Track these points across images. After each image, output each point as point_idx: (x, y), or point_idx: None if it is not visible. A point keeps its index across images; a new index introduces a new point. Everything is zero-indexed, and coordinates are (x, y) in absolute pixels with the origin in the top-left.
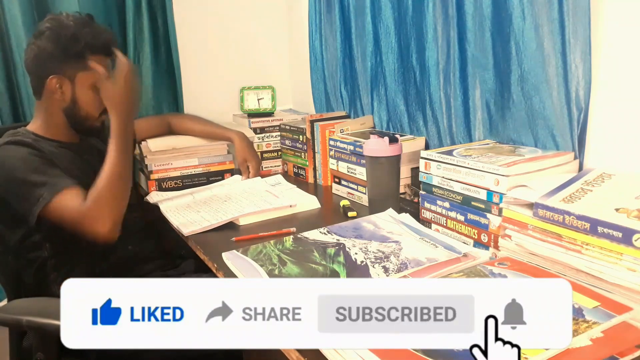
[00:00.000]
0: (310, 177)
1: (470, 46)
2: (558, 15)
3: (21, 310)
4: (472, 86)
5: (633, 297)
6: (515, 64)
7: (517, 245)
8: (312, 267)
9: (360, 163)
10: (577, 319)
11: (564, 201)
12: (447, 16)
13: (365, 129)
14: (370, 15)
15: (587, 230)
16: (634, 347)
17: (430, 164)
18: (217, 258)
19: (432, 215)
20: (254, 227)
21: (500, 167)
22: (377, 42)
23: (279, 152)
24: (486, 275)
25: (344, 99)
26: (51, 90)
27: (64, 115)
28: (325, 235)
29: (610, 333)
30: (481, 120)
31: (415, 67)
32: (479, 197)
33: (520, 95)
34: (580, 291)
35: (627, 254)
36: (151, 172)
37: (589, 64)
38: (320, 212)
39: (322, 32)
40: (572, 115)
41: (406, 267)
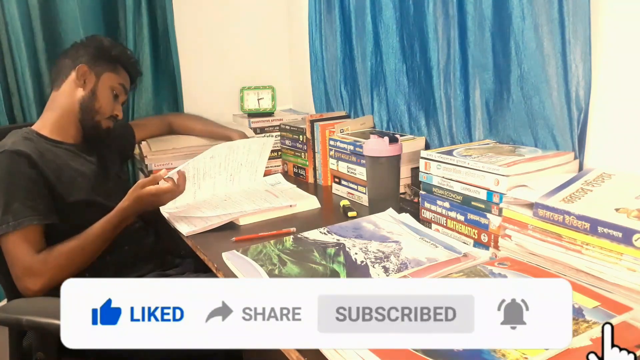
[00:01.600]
0: (310, 177)
1: (470, 46)
2: (558, 15)
3: (21, 309)
4: (472, 86)
5: (633, 297)
6: (515, 64)
7: (517, 245)
8: (312, 267)
9: (360, 163)
10: (577, 319)
11: (564, 201)
12: (447, 16)
13: (365, 129)
14: (370, 15)
15: (587, 230)
16: (634, 347)
17: (430, 164)
18: (217, 258)
19: (432, 215)
20: (254, 227)
21: (500, 167)
22: (378, 42)
23: (279, 152)
24: (486, 275)
25: (344, 99)
26: (77, 77)
27: (78, 106)
28: (325, 235)
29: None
30: (481, 120)
31: (415, 67)
32: (479, 197)
33: (520, 95)
34: (580, 291)
35: (627, 254)
36: (151, 172)
37: (589, 64)
38: (320, 212)
39: (322, 32)
40: (572, 115)
41: (406, 267)
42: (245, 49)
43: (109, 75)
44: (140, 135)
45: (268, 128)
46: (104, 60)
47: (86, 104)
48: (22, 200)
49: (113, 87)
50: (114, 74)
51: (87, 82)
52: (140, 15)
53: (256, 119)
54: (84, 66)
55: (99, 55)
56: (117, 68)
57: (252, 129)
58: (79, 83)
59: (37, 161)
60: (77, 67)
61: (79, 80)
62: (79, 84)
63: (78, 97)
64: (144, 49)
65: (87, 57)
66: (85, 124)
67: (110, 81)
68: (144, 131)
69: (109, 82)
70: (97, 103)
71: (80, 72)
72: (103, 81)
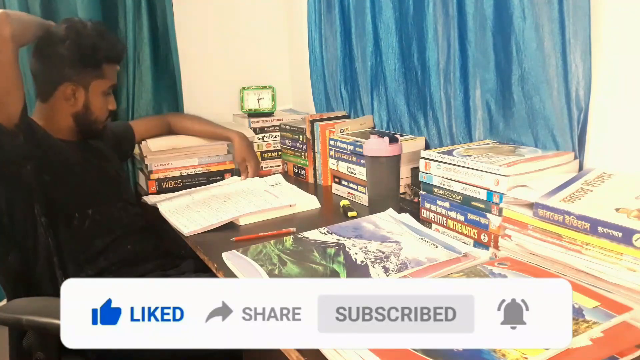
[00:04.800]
0: (310, 177)
1: (470, 46)
2: (558, 15)
3: (21, 309)
4: (473, 86)
5: (633, 297)
6: (516, 64)
7: (517, 245)
8: (312, 267)
9: (360, 163)
10: (577, 319)
11: (564, 201)
12: (447, 16)
13: (365, 128)
14: (370, 15)
15: (587, 230)
16: (634, 347)
17: (430, 164)
18: (217, 258)
19: (432, 215)
20: (254, 227)
21: (500, 167)
22: (377, 42)
23: (279, 152)
24: (486, 275)
25: (344, 98)
26: (65, 97)
27: (72, 119)
28: (325, 235)
29: (610, 333)
30: (481, 120)
31: (415, 66)
32: (479, 197)
33: (521, 95)
34: (580, 291)
35: (627, 254)
36: (151, 172)
37: (589, 64)
38: (320, 212)
39: (322, 32)
40: (572, 115)
41: (406, 267)
42: (245, 49)
43: (98, 82)
44: (140, 135)
45: (268, 128)
46: (89, 67)
47: (82, 118)
48: None
49: (104, 92)
50: (102, 79)
51: (78, 98)
52: (141, 16)
53: (256, 119)
54: (68, 86)
55: (82, 63)
56: (103, 70)
57: (252, 129)
58: (70, 102)
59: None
60: (61, 85)
61: (68, 100)
62: (71, 102)
63: (71, 112)
64: (143, 49)
65: (69, 67)
66: (83, 132)
67: (100, 87)
68: (143, 131)
69: (99, 89)
70: (92, 116)
71: (67, 93)
72: (93, 91)
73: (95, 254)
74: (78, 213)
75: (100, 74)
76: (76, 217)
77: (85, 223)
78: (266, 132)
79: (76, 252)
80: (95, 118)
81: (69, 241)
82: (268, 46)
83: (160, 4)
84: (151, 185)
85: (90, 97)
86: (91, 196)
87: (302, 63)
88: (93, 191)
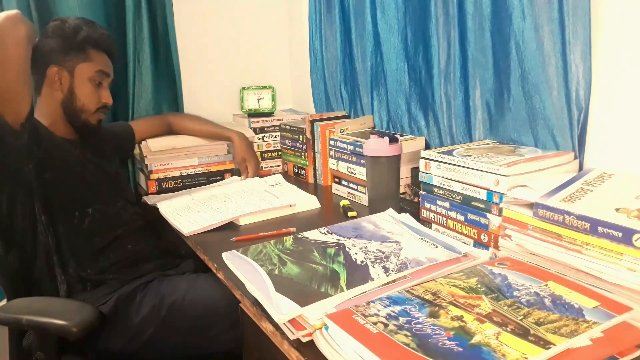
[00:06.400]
0: (310, 177)
1: (470, 46)
2: (558, 15)
3: (21, 309)
4: (473, 86)
5: (633, 297)
6: (516, 63)
7: (517, 245)
8: (312, 267)
9: (360, 163)
10: (577, 319)
11: (564, 201)
12: (447, 16)
13: (365, 128)
14: (370, 15)
15: (587, 230)
16: (634, 347)
17: (430, 164)
18: (217, 258)
19: (432, 215)
20: (254, 227)
21: (500, 167)
22: (377, 42)
23: (279, 152)
24: (486, 275)
25: (344, 98)
26: (51, 81)
27: (61, 109)
28: (325, 235)
29: (610, 333)
30: (481, 120)
31: (415, 67)
32: (479, 197)
33: (521, 95)
34: (580, 291)
35: (627, 254)
36: (151, 172)
37: (589, 64)
38: (320, 212)
39: (322, 32)
40: (572, 115)
41: (406, 267)
42: (245, 49)
43: (83, 66)
44: (140, 135)
45: (268, 128)
46: (72, 49)
47: (68, 106)
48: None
49: (91, 78)
50: (88, 63)
51: (63, 82)
52: (140, 16)
53: (256, 119)
54: (53, 67)
55: (66, 45)
56: (89, 54)
57: (252, 129)
58: (55, 86)
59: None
60: (48, 69)
61: (54, 83)
62: (56, 86)
63: (58, 100)
64: (143, 49)
65: (54, 52)
66: (74, 123)
67: (86, 72)
68: (143, 131)
69: (85, 74)
70: (78, 102)
71: (51, 75)
72: (78, 75)
73: (95, 253)
74: (78, 212)
75: (85, 57)
76: (76, 215)
77: (85, 222)
78: (266, 132)
79: (76, 251)
80: (82, 106)
81: (69, 240)
82: (268, 46)
83: (160, 4)
84: (151, 185)
85: (76, 82)
86: (91, 195)
87: (302, 63)
88: (93, 190)
